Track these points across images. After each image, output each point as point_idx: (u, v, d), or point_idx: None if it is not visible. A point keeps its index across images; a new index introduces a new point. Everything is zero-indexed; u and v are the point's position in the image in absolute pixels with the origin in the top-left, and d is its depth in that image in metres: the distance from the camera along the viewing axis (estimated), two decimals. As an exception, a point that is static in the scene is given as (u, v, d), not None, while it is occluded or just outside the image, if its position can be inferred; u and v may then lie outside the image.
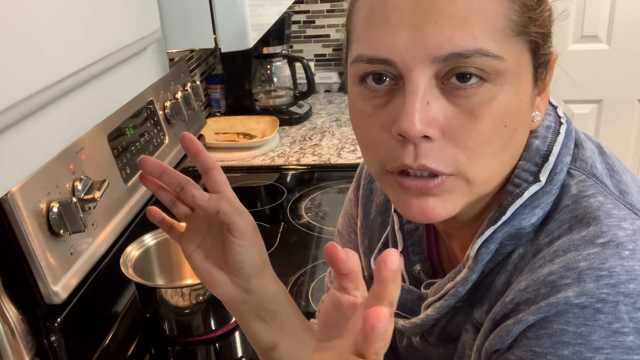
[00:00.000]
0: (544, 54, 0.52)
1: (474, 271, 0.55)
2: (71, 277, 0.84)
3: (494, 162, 0.51)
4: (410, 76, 0.48)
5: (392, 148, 0.50)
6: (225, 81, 1.98)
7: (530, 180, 0.54)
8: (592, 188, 0.53)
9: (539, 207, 0.53)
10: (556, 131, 0.56)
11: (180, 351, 1.00)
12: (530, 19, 0.49)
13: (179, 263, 1.09)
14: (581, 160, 0.55)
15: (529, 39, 0.50)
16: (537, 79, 0.53)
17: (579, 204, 0.52)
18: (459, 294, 0.57)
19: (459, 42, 0.46)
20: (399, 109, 0.48)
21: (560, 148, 0.55)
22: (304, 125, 1.93)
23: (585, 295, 0.46)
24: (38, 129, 0.57)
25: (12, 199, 0.75)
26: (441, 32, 0.46)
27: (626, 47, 2.25)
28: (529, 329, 0.49)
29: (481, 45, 0.46)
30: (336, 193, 1.50)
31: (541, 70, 0.53)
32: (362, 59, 0.50)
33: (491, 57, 0.47)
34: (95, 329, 0.95)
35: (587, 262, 0.47)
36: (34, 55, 0.52)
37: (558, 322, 0.47)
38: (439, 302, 0.58)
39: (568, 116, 0.59)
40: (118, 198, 1.03)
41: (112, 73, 0.72)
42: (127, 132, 1.11)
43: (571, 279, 0.47)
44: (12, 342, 0.76)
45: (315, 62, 2.25)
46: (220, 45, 0.92)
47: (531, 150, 0.55)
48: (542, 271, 0.50)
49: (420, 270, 0.65)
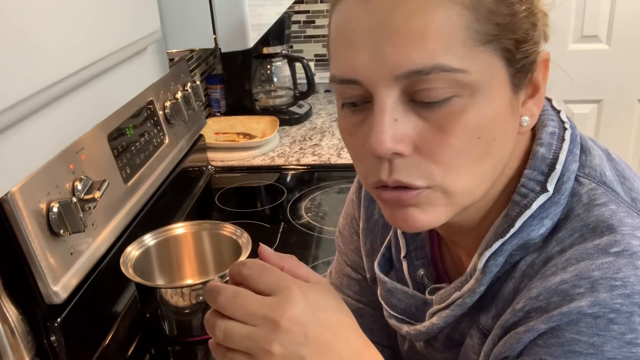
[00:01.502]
0: (523, 58, 0.50)
1: (482, 283, 0.55)
2: (71, 277, 0.84)
3: (473, 172, 0.50)
4: (377, 95, 0.48)
5: (370, 164, 0.51)
6: (225, 81, 1.98)
7: (538, 190, 0.53)
8: (603, 196, 0.52)
9: (547, 218, 0.53)
10: (561, 137, 0.55)
11: (180, 351, 1.00)
12: (497, 25, 0.47)
13: (179, 263, 1.09)
14: (589, 168, 0.55)
15: (500, 47, 0.48)
16: (519, 84, 0.51)
17: (591, 212, 0.51)
18: (466, 304, 0.56)
19: (417, 59, 0.46)
20: (370, 127, 0.49)
21: (566, 155, 0.54)
22: (304, 125, 1.93)
23: (599, 305, 0.46)
24: (38, 129, 0.57)
25: (12, 199, 0.75)
26: (399, 50, 0.46)
27: (626, 47, 2.25)
28: (540, 337, 0.48)
29: (440, 61, 0.46)
30: (336, 193, 1.50)
31: (521, 75, 0.50)
32: (334, 79, 0.51)
33: (453, 71, 0.46)
34: (95, 329, 0.95)
35: (601, 272, 0.47)
36: (34, 55, 0.52)
37: (570, 332, 0.47)
38: (445, 312, 0.58)
39: (570, 117, 0.58)
40: (118, 198, 1.03)
41: (112, 73, 0.72)
42: (127, 132, 1.11)
43: (584, 288, 0.47)
44: (12, 342, 0.76)
45: (315, 62, 2.25)
46: (220, 45, 0.92)
47: (537, 158, 0.54)
48: (555, 279, 0.49)
49: (424, 274, 0.65)
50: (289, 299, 0.49)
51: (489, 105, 0.49)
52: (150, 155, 1.19)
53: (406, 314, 0.64)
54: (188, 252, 1.09)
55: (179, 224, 1.09)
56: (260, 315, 0.48)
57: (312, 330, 0.48)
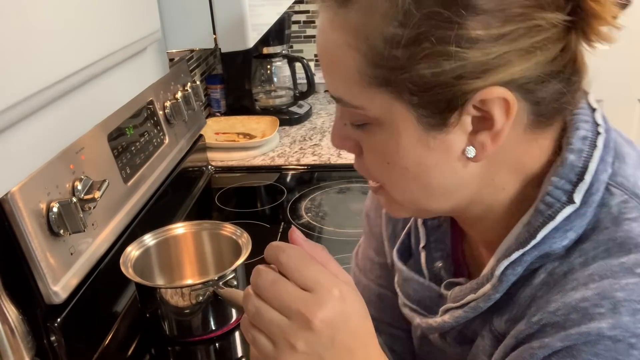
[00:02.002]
0: (435, 97, 0.48)
1: (498, 291, 0.54)
2: (71, 277, 0.84)
3: (404, 189, 0.54)
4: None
5: None
6: (225, 81, 1.98)
7: (564, 201, 0.50)
8: (634, 211, 0.50)
9: (571, 230, 0.50)
10: (593, 143, 0.52)
11: (180, 351, 1.00)
12: (391, 70, 0.47)
13: (179, 263, 1.09)
14: (622, 177, 0.52)
15: (396, 89, 0.48)
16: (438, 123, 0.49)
17: (620, 227, 0.49)
18: (480, 309, 0.55)
19: (330, 88, 0.53)
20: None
21: (597, 165, 0.51)
22: (304, 125, 1.93)
23: (620, 329, 0.44)
24: (38, 129, 0.57)
25: (12, 199, 0.75)
26: (324, 76, 0.54)
27: (626, 47, 2.25)
28: (555, 354, 0.47)
29: (340, 95, 0.52)
30: (336, 193, 1.50)
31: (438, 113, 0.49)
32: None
33: (351, 107, 0.52)
34: (95, 329, 0.95)
35: (625, 293, 0.45)
36: (34, 55, 0.52)
37: (587, 352, 0.45)
38: (458, 311, 0.58)
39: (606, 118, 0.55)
40: (118, 198, 1.03)
41: (112, 73, 0.72)
42: (127, 132, 1.11)
43: (606, 308, 0.45)
44: (12, 342, 0.76)
45: (315, 62, 2.25)
46: (220, 45, 0.92)
47: (565, 165, 0.51)
48: (575, 295, 0.47)
49: (441, 267, 0.64)
50: (326, 300, 0.49)
51: (392, 139, 0.51)
52: (150, 155, 1.19)
53: (420, 305, 0.64)
54: (188, 252, 1.09)
55: (179, 224, 1.09)
56: (294, 309, 0.49)
57: (340, 337, 0.49)
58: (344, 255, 0.98)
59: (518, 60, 0.47)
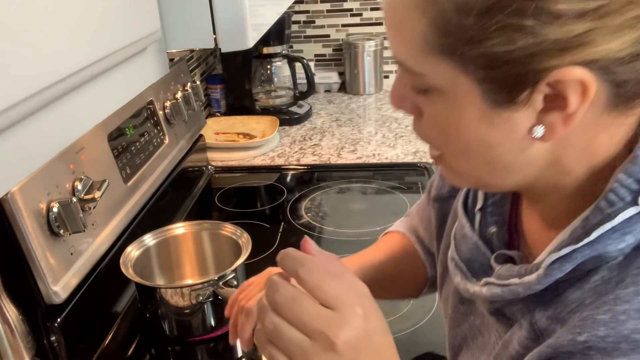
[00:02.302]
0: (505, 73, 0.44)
1: (541, 283, 0.51)
2: (71, 277, 0.84)
3: (464, 163, 0.52)
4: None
5: None
6: (225, 81, 1.98)
7: (628, 201, 0.46)
8: None
9: (630, 234, 0.46)
10: None
11: (180, 351, 1.00)
12: (458, 39, 0.44)
13: (179, 263, 1.09)
14: None
15: (462, 61, 0.45)
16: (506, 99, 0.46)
17: None
18: (518, 294, 0.53)
19: (393, 49, 0.50)
20: None
21: None
22: (304, 125, 1.93)
23: None
24: (38, 129, 0.57)
25: (12, 199, 0.75)
26: (388, 36, 0.51)
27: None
28: None
29: (402, 59, 0.49)
30: (336, 193, 1.50)
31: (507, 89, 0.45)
32: None
33: (411, 72, 0.49)
34: (95, 329, 0.95)
35: None
36: (34, 55, 0.52)
37: None
38: (497, 289, 0.55)
39: None
40: (118, 198, 1.03)
41: (112, 73, 0.72)
42: (127, 132, 1.11)
43: None
44: (12, 342, 0.76)
45: (315, 62, 2.25)
46: (220, 45, 0.92)
47: (636, 163, 0.46)
48: (628, 325, 0.44)
49: (494, 233, 0.61)
50: (349, 320, 0.48)
51: (454, 112, 0.48)
52: (150, 155, 1.19)
53: (467, 265, 0.61)
54: (188, 252, 1.09)
55: (179, 224, 1.09)
56: (316, 329, 0.48)
57: (363, 357, 0.48)
58: (344, 255, 0.98)
59: (603, 39, 0.42)
